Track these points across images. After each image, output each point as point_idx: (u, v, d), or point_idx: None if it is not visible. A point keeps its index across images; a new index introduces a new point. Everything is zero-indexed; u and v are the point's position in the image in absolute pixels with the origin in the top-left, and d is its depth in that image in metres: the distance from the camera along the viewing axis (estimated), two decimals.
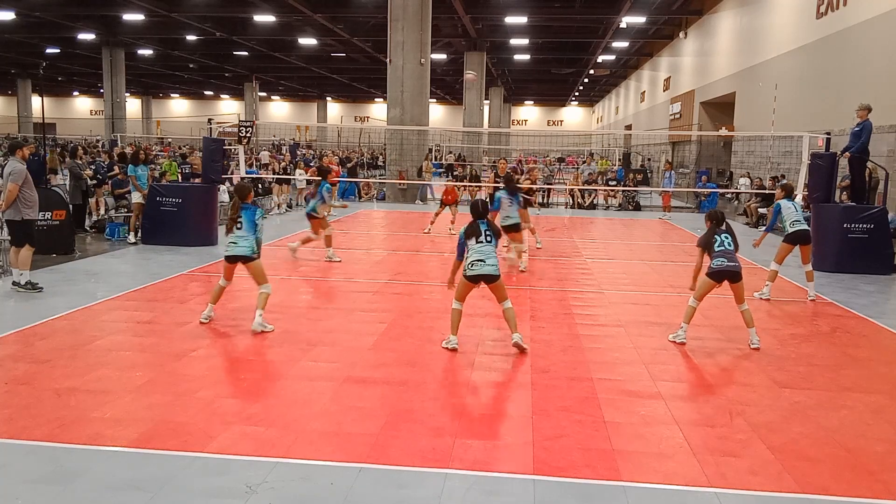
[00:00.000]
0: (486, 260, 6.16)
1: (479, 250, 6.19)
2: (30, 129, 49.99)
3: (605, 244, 14.03)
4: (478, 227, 6.28)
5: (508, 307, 6.34)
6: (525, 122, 70.59)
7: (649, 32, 34.70)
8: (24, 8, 28.28)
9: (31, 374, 5.46)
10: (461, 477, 4.00)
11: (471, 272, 6.20)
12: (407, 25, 20.20)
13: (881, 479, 4.11)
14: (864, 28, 15.37)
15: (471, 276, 6.21)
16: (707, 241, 6.89)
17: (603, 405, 5.13)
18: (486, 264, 6.15)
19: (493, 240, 6.29)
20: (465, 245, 6.29)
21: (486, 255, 6.18)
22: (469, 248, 6.25)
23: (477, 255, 6.18)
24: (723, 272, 6.72)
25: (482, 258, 6.17)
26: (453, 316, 6.41)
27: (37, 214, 8.57)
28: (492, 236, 6.28)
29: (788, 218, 8.59)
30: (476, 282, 6.24)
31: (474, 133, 35.38)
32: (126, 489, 3.75)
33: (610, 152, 39.89)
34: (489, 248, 6.22)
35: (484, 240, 6.22)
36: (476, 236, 6.23)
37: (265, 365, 5.86)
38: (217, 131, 16.61)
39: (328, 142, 56.67)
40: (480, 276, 6.19)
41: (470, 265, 6.20)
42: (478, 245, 6.21)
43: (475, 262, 6.17)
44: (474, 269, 6.18)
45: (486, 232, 6.26)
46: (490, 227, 6.33)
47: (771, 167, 20.14)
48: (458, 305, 6.40)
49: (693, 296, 6.89)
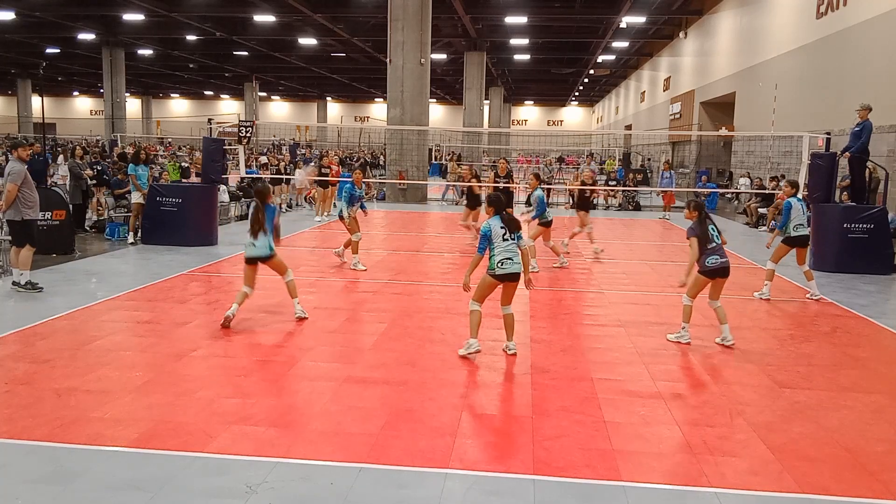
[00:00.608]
0: (514, 258, 6.01)
1: (507, 248, 6.00)
2: (30, 129, 49.98)
3: (605, 244, 14.02)
4: (504, 225, 6.06)
5: (509, 313, 6.24)
6: (525, 122, 70.59)
7: (649, 32, 34.70)
8: (24, 8, 28.28)
9: (31, 374, 5.46)
10: (461, 477, 4.00)
11: (501, 271, 6.01)
12: (407, 25, 20.20)
13: (881, 479, 4.11)
14: (864, 28, 15.37)
15: (500, 276, 6.03)
16: (704, 233, 6.69)
17: (603, 405, 5.13)
18: (514, 262, 6.00)
19: (516, 237, 6.07)
20: (488, 240, 6.05)
21: (513, 254, 6.01)
22: (495, 246, 6.02)
23: (505, 253, 5.99)
24: (717, 270, 6.67)
25: (510, 256, 5.99)
26: (473, 318, 6.15)
27: (37, 214, 8.57)
28: (514, 234, 6.07)
29: (794, 220, 8.59)
30: (503, 280, 6.07)
31: (474, 133, 35.38)
32: (126, 489, 3.75)
33: (610, 152, 39.87)
34: (514, 246, 6.04)
35: (509, 237, 6.02)
36: (504, 235, 6.02)
37: (265, 365, 5.86)
38: (217, 131, 16.62)
39: (328, 142, 56.67)
40: (508, 276, 6.03)
41: (499, 263, 6.00)
42: (504, 243, 6.00)
43: (504, 261, 5.98)
44: (504, 268, 6.00)
45: (512, 230, 6.07)
46: (511, 223, 6.10)
47: (771, 167, 20.14)
48: (477, 307, 6.15)
49: (687, 294, 6.82)
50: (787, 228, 8.68)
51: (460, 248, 12.62)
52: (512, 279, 6.07)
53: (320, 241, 13.39)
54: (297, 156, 32.05)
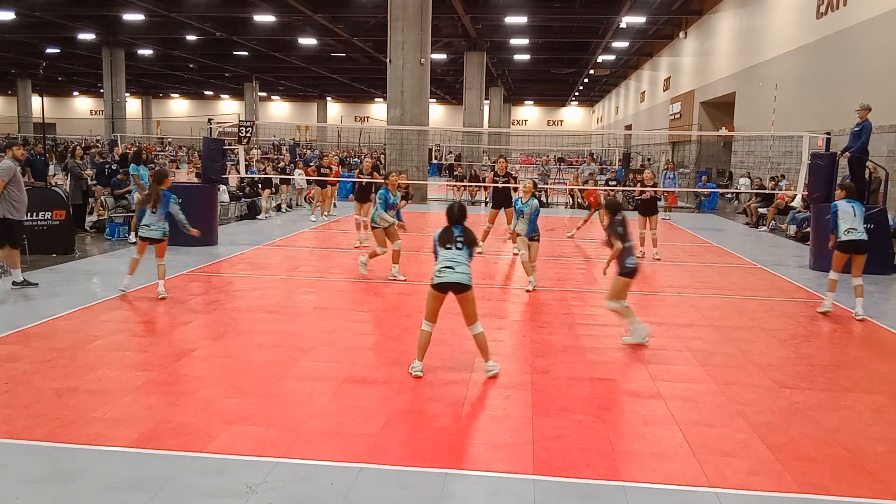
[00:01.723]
0: (456, 267, 5.52)
1: (449, 257, 5.57)
2: (30, 129, 49.97)
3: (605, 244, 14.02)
4: (451, 233, 5.66)
5: (479, 332, 5.66)
6: (525, 122, 70.59)
7: (649, 32, 34.70)
8: (24, 8, 28.28)
9: (31, 374, 5.46)
10: (461, 477, 4.00)
11: (437, 279, 5.54)
12: (407, 25, 20.19)
13: (881, 479, 4.11)
14: (864, 28, 15.37)
15: (437, 285, 5.55)
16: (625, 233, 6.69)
17: (603, 405, 5.13)
18: (455, 272, 5.50)
19: (466, 248, 5.63)
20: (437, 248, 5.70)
21: (455, 262, 5.54)
22: (439, 256, 5.65)
23: (445, 261, 5.56)
24: (636, 270, 6.77)
25: (451, 265, 5.53)
26: (421, 338, 5.66)
27: (23, 216, 8.43)
28: (463, 244, 5.62)
29: (844, 223, 8.06)
30: (444, 291, 5.56)
31: (474, 133, 35.38)
32: (126, 489, 3.75)
33: (610, 152, 39.88)
34: (461, 256, 5.59)
35: (454, 247, 5.61)
36: (448, 243, 5.63)
37: (265, 365, 5.86)
38: (217, 131, 16.62)
39: (328, 142, 56.68)
40: (448, 285, 5.53)
41: (437, 272, 5.56)
42: (446, 251, 5.61)
43: (443, 269, 5.53)
44: (442, 277, 5.52)
45: (458, 238, 5.63)
46: (464, 233, 5.68)
47: (771, 167, 20.15)
48: (427, 327, 5.64)
49: (615, 298, 6.71)
50: (838, 232, 8.15)
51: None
52: (455, 289, 5.55)
53: (319, 241, 13.39)
54: (296, 156, 32.06)
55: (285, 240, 13.37)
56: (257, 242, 12.77)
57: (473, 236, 5.76)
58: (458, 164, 32.43)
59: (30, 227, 10.43)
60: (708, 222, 18.17)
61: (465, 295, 5.57)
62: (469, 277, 5.57)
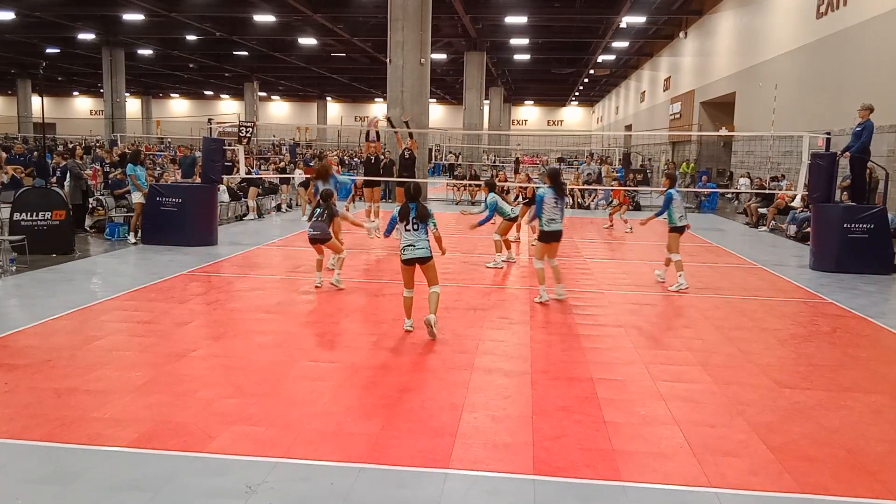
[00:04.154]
0: (416, 244, 6.70)
1: (408, 238, 6.71)
2: (30, 129, 49.94)
3: (606, 244, 14.03)
4: (408, 209, 6.71)
5: (435, 291, 6.78)
6: (525, 122, 70.54)
7: (649, 32, 34.69)
8: (24, 8, 28.26)
9: (31, 374, 5.46)
10: (461, 477, 4.00)
11: (404, 256, 6.75)
12: (407, 25, 20.19)
13: (881, 479, 4.11)
14: (863, 28, 15.37)
15: (405, 260, 6.77)
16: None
17: (603, 405, 5.13)
18: (416, 248, 6.70)
19: (420, 225, 6.71)
20: (395, 223, 6.87)
21: (415, 241, 6.70)
22: (401, 234, 6.78)
23: (407, 241, 6.72)
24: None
25: (412, 243, 6.71)
26: (405, 303, 6.94)
27: None
28: (418, 223, 6.70)
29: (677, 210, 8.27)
30: (411, 264, 6.78)
31: (474, 133, 35.38)
32: (126, 489, 3.75)
33: (610, 152, 39.86)
34: (419, 234, 6.72)
35: (412, 227, 6.70)
36: (405, 220, 6.71)
37: (265, 365, 5.86)
38: (217, 131, 16.62)
39: (328, 142, 56.65)
40: (413, 259, 6.73)
41: (402, 250, 6.76)
42: (406, 233, 6.72)
43: (406, 248, 6.72)
44: (406, 254, 6.73)
45: (413, 219, 6.68)
46: (418, 211, 6.70)
47: (771, 167, 20.14)
48: (407, 293, 6.89)
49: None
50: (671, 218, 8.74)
51: (461, 248, 12.61)
52: (419, 262, 6.75)
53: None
54: (296, 155, 32.07)
55: (283, 240, 13.38)
56: (257, 242, 12.77)
57: (426, 210, 6.80)
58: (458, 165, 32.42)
59: (30, 227, 10.46)
60: (708, 222, 18.17)
61: (427, 265, 6.80)
62: (429, 250, 6.76)
